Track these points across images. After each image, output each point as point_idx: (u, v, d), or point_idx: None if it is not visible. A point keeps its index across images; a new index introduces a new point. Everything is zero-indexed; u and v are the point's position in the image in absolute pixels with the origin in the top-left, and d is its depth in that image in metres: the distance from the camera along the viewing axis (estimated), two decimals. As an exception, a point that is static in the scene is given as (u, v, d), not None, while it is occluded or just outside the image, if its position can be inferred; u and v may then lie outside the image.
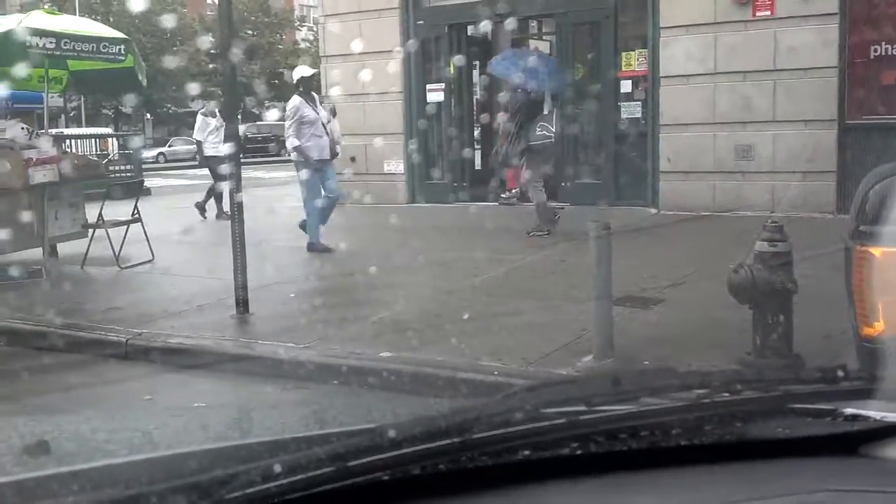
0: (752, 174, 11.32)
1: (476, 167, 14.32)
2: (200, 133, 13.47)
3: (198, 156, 13.52)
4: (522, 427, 1.14)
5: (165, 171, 29.60)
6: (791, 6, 10.87)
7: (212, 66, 37.84)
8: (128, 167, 18.40)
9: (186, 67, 39.50)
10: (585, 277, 5.46)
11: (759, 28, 11.14)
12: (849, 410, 1.26)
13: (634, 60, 12.31)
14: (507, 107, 10.69)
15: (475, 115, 14.48)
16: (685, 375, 1.31)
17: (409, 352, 5.48)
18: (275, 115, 37.29)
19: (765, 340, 4.72)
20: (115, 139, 21.54)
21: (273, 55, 46.19)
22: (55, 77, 10.56)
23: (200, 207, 13.40)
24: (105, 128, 33.91)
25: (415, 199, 14.11)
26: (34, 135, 9.26)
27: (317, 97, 9.95)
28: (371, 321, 6.36)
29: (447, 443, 1.10)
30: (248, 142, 34.28)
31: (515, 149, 10.22)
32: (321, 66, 14.83)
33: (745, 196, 11.20)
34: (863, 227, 3.04)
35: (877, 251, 2.95)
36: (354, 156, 13.76)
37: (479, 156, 14.38)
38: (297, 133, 9.37)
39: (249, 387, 5.45)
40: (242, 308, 6.67)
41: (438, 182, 14.03)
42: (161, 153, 39.41)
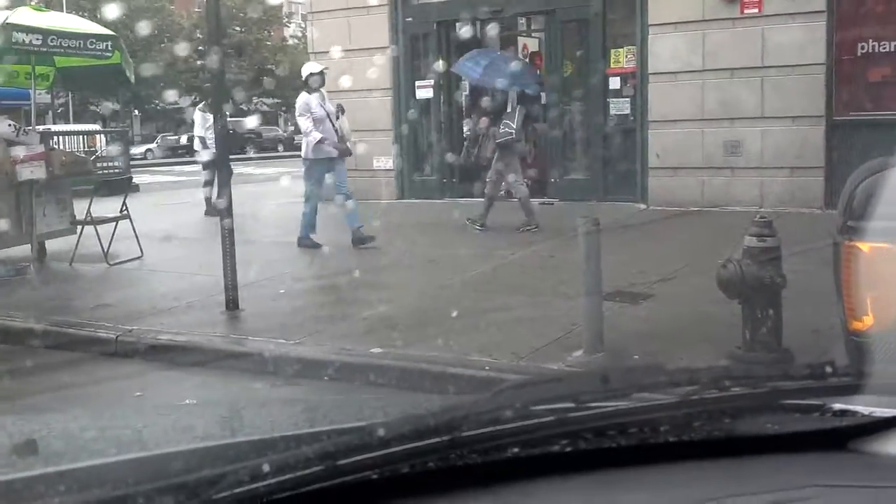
0: (741, 170, 11.36)
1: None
2: (201, 129, 13.34)
3: (200, 151, 13.27)
4: (511, 425, 1.14)
5: (154, 168, 29.48)
6: (779, 4, 10.91)
7: (199, 63, 37.65)
8: (116, 163, 18.28)
9: (174, 63, 39.29)
10: (575, 273, 5.47)
11: (747, 25, 11.17)
12: (837, 406, 1.26)
13: (623, 57, 12.31)
14: (488, 108, 10.72)
15: (464, 112, 14.47)
16: (674, 372, 1.31)
17: (400, 348, 5.49)
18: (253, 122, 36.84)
19: (754, 335, 4.74)
20: (103, 136, 21.43)
21: (261, 52, 46.02)
22: (42, 74, 10.49)
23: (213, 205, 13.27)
24: (93, 124, 33.71)
25: (404, 196, 14.08)
26: (21, 132, 9.19)
27: (325, 94, 9.84)
28: (361, 317, 6.36)
29: (436, 441, 1.09)
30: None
31: (484, 148, 10.24)
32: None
33: (734, 192, 11.24)
34: (851, 223, 3.04)
35: (864, 246, 2.96)
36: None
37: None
38: (315, 127, 9.27)
39: (239, 383, 5.45)
40: (232, 305, 6.66)
41: (428, 178, 14.02)
42: (149, 149, 39.22)
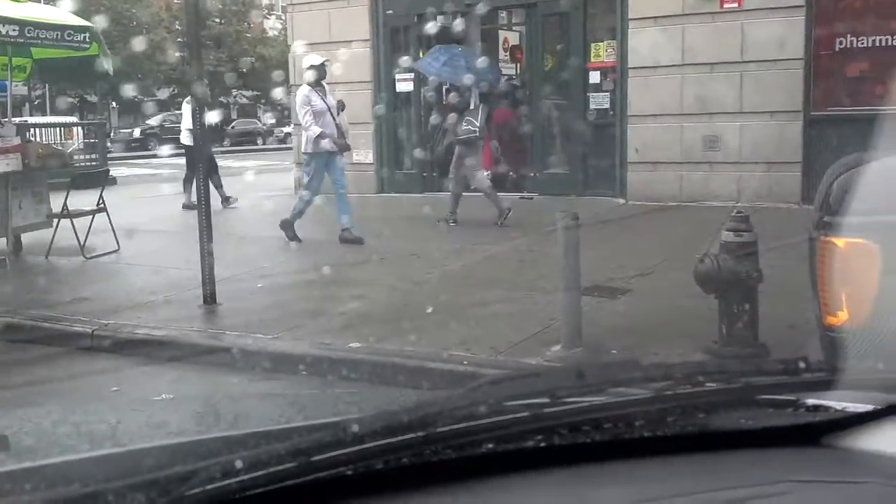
0: (719, 165, 11.42)
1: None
2: (189, 121, 13.15)
3: (189, 142, 13.06)
4: (486, 420, 1.13)
5: (131, 161, 29.24)
6: (758, -2, 10.98)
7: (178, 55, 37.36)
8: (93, 156, 18.10)
9: (153, 55, 38.97)
10: (554, 268, 5.48)
11: (727, 20, 11.22)
12: (811, 401, 1.26)
13: (603, 51, 12.34)
14: (451, 104, 10.73)
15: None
16: (648, 367, 1.31)
17: (378, 343, 5.47)
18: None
19: (730, 329, 4.77)
20: (80, 128, 21.19)
21: (241, 44, 45.71)
22: (19, 65, 10.40)
23: (224, 198, 13.18)
24: (70, 116, 33.36)
25: (384, 189, 14.05)
26: (-4, 124, 9.11)
27: (327, 87, 9.66)
28: (339, 312, 6.34)
29: (410, 437, 1.09)
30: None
31: (442, 144, 10.25)
32: (289, 56, 14.70)
33: (712, 187, 11.30)
34: (827, 218, 3.06)
35: (840, 241, 2.98)
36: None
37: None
38: (313, 121, 9.14)
39: (216, 378, 5.42)
40: (210, 299, 6.62)
41: (408, 172, 13.99)
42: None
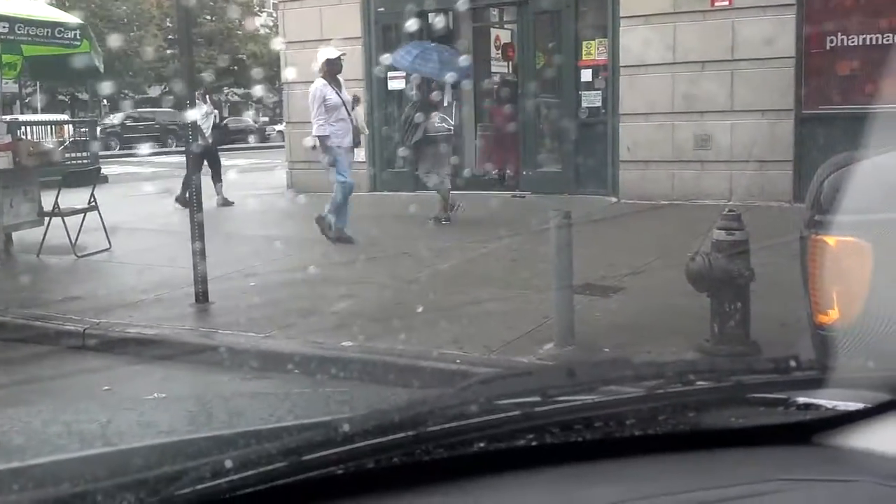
0: (711, 163, 11.44)
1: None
2: (195, 117, 13.10)
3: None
4: (477, 419, 1.13)
5: (123, 159, 29.14)
6: (749, -4, 10.99)
7: (169, 52, 37.23)
8: (84, 154, 18.07)
9: (144, 53, 38.82)
10: (546, 266, 5.48)
11: (718, 18, 11.23)
12: (801, 399, 1.26)
13: (595, 49, 12.34)
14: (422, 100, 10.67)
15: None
16: (640, 366, 1.31)
17: (370, 341, 5.47)
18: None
19: (722, 328, 4.78)
20: (72, 126, 21.13)
21: (232, 41, 45.57)
22: (9, 63, 10.35)
23: (223, 199, 13.10)
24: (61, 114, 33.23)
25: (376, 188, 14.04)
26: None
27: (342, 81, 9.51)
28: (332, 311, 6.33)
29: (401, 436, 1.09)
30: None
31: (411, 139, 10.19)
32: (281, 53, 14.66)
33: (704, 185, 11.32)
34: (818, 216, 3.07)
35: (831, 240, 2.98)
36: (315, 144, 13.63)
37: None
38: (325, 118, 9.05)
39: (208, 377, 5.41)
40: (202, 298, 6.60)
41: (400, 171, 13.96)
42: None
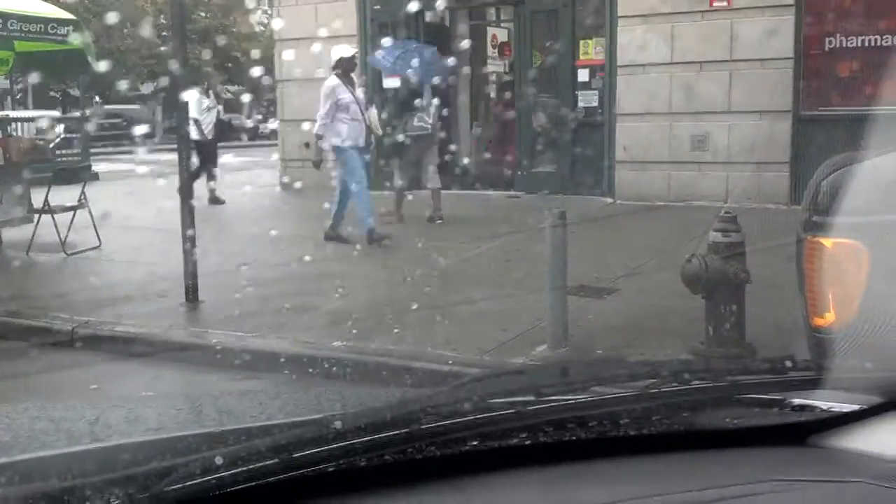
0: (707, 164, 11.43)
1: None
2: (196, 112, 13.00)
3: (196, 135, 12.87)
4: (470, 418, 1.12)
5: (114, 156, 29.06)
6: (747, -3, 10.99)
7: (163, 49, 37.10)
8: (75, 151, 18.03)
9: (137, 49, 38.73)
10: (540, 267, 5.46)
11: (716, 18, 11.22)
12: (796, 400, 1.26)
13: (592, 49, 12.32)
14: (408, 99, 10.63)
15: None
16: (634, 365, 1.31)
17: (363, 341, 5.44)
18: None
19: (717, 330, 4.76)
20: (63, 123, 21.04)
21: (227, 38, 45.53)
22: (1, 58, 10.30)
23: (213, 197, 12.99)
24: (52, 111, 33.09)
25: (371, 187, 13.97)
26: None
27: (356, 80, 9.29)
28: (324, 310, 6.31)
29: (394, 434, 1.08)
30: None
31: (391, 138, 10.16)
32: (275, 50, 14.63)
33: (700, 186, 11.32)
34: (815, 218, 3.06)
35: (828, 242, 2.97)
36: (308, 142, 13.63)
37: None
38: (333, 117, 8.81)
39: (198, 376, 5.37)
40: (192, 296, 6.56)
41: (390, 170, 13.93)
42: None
